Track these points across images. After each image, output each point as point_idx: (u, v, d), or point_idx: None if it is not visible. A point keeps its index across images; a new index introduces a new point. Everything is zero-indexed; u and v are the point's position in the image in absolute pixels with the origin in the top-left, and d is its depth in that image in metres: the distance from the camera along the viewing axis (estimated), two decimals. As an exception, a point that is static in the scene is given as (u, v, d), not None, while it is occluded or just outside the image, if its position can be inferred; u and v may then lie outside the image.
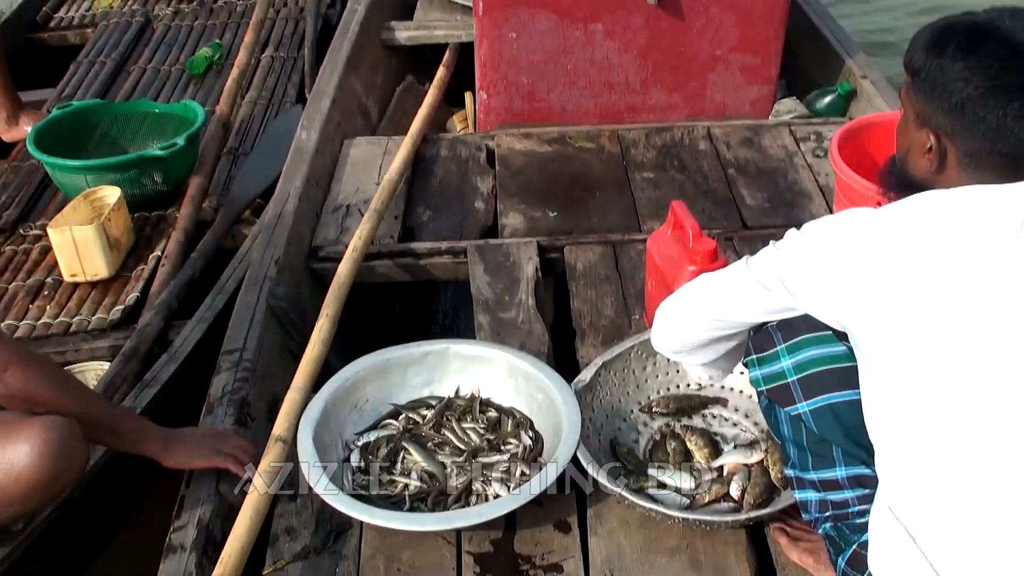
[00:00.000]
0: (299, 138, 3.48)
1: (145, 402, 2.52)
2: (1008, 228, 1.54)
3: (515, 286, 2.88)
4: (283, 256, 2.90)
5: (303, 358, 2.48)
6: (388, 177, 3.23)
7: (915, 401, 1.59)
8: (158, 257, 3.21)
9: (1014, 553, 1.55)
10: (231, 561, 1.96)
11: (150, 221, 3.43)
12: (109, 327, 2.92)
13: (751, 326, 1.93)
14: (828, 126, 3.64)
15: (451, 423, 2.40)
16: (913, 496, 1.65)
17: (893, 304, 1.58)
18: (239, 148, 3.91)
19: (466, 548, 2.15)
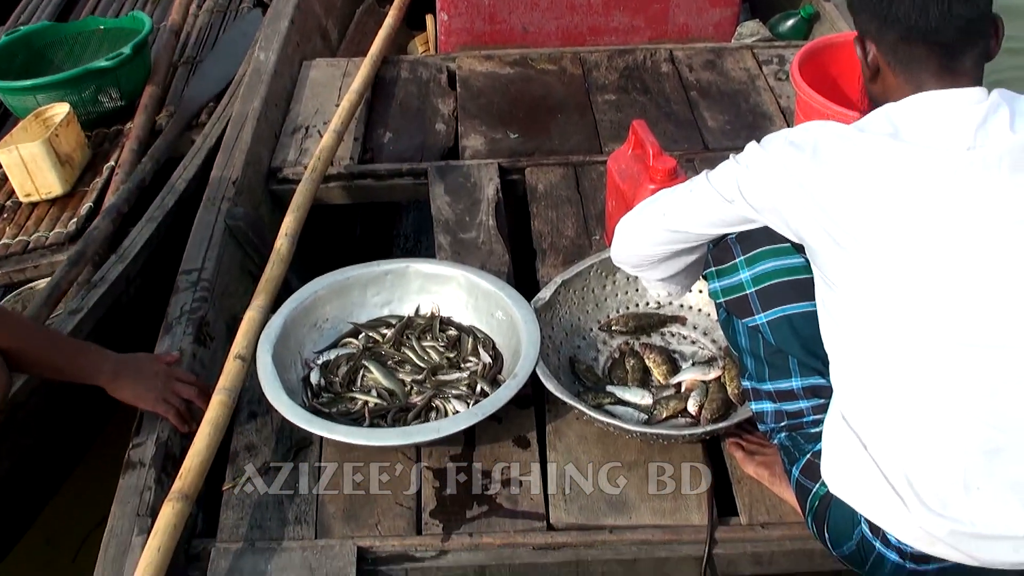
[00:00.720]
0: (257, 59, 3.43)
1: (93, 302, 2.50)
2: (960, 139, 1.55)
3: (476, 207, 2.87)
4: (241, 177, 2.87)
5: (262, 277, 2.46)
6: (347, 98, 3.19)
7: (868, 311, 1.61)
8: (112, 167, 3.20)
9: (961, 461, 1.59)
10: (190, 476, 1.97)
11: (108, 136, 3.41)
12: (67, 240, 2.91)
13: (710, 239, 1.94)
14: (791, 49, 3.62)
15: (411, 341, 2.40)
16: (865, 404, 1.67)
17: (848, 216, 1.60)
18: (196, 57, 3.87)
19: (425, 463, 2.16)
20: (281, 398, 2.13)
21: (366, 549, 2.00)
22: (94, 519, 2.22)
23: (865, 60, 1.72)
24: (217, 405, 2.11)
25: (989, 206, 1.53)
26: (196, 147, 3.19)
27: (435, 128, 3.30)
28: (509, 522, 2.04)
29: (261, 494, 2.11)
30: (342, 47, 4.02)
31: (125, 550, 1.94)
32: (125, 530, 1.98)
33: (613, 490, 2.09)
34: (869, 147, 1.60)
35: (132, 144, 3.25)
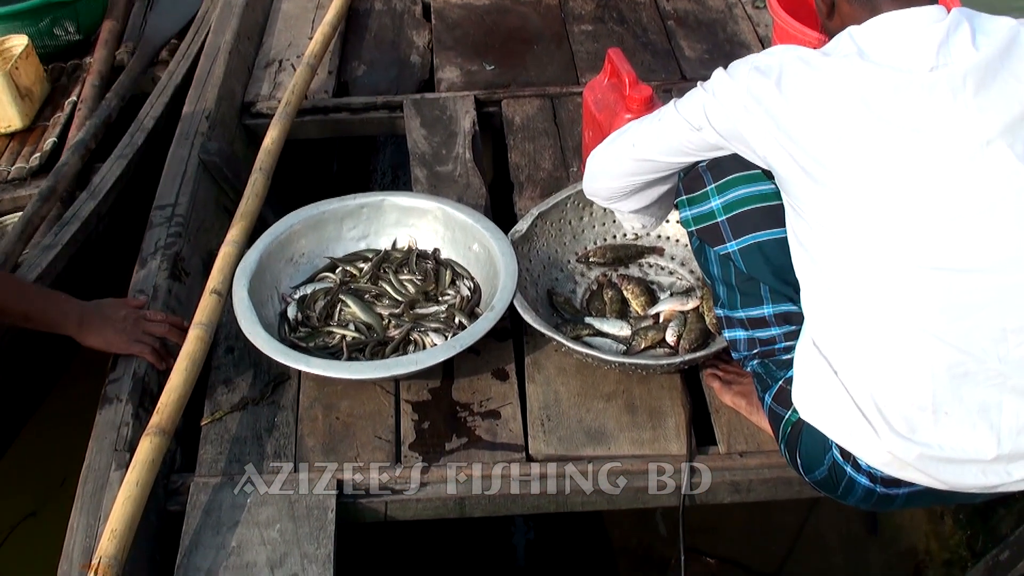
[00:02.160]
0: (223, -10, 3.38)
1: (66, 239, 2.48)
2: (923, 59, 1.54)
3: (452, 140, 2.84)
4: (214, 111, 2.84)
5: (237, 212, 2.44)
6: (320, 30, 3.14)
7: (837, 236, 1.61)
8: (74, 103, 3.16)
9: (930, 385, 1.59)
10: (167, 411, 1.96)
11: (66, 70, 3.36)
12: (29, 175, 2.88)
13: (681, 167, 1.93)
14: (769, -22, 3.58)
15: (388, 275, 2.39)
16: (835, 330, 1.68)
17: (814, 142, 1.59)
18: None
19: (404, 397, 2.17)
20: (258, 332, 2.11)
21: (345, 482, 2.00)
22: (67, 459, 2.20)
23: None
24: (194, 339, 2.10)
25: (955, 128, 1.53)
26: (162, 84, 3.13)
27: (410, 61, 3.26)
28: (488, 454, 2.05)
29: (239, 428, 2.10)
30: (315, -22, 3.95)
31: (103, 484, 1.94)
32: (103, 465, 1.97)
33: (592, 420, 2.10)
34: (834, 72, 1.59)
35: (94, 79, 3.21)
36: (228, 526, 1.92)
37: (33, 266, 2.39)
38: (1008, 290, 1.56)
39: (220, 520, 1.93)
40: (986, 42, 1.56)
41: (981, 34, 1.57)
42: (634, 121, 2.00)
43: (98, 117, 2.98)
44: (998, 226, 1.55)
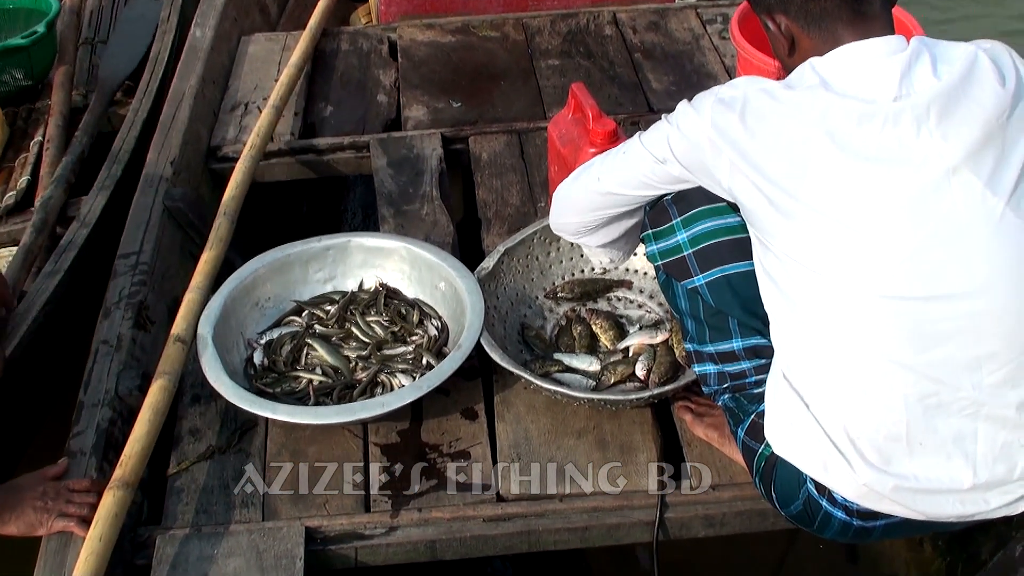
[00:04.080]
0: (193, 35, 3.37)
1: (66, 266, 2.52)
2: (885, 90, 1.54)
3: (419, 178, 2.83)
4: (179, 157, 2.82)
5: (201, 258, 2.41)
6: (286, 72, 3.14)
7: (804, 268, 1.60)
8: (40, 142, 3.19)
9: (903, 416, 1.58)
10: (131, 463, 1.93)
11: (19, 115, 3.39)
12: (4, 213, 2.91)
13: (646, 201, 1.92)
14: (734, 8, 3.59)
15: (355, 317, 2.37)
16: (805, 362, 1.66)
17: (779, 174, 1.58)
18: (95, 38, 3.83)
19: (373, 440, 2.14)
20: (223, 380, 2.09)
21: (314, 529, 1.98)
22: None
23: (779, 34, 1.71)
24: (157, 390, 2.07)
25: (920, 157, 1.52)
26: (129, 121, 3.14)
27: (377, 100, 3.26)
28: (459, 495, 2.03)
29: (206, 479, 2.08)
30: (282, 21, 3.96)
31: (67, 542, 1.90)
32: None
33: (563, 458, 2.08)
34: (798, 103, 1.58)
35: (57, 120, 3.25)
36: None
37: (40, 291, 2.45)
38: (980, 316, 1.55)
39: (187, 573, 1.90)
40: (947, 70, 1.56)
41: (942, 62, 1.57)
42: (599, 155, 1.99)
43: (72, 154, 3.05)
44: (967, 253, 1.54)
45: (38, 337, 2.34)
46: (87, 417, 2.13)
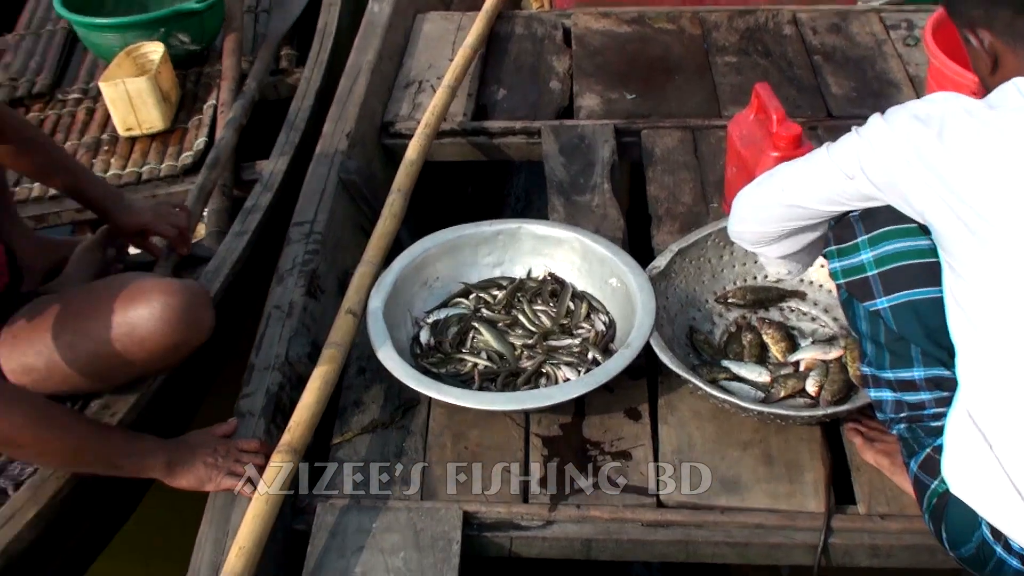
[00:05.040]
0: (371, 11, 3.40)
1: (252, 227, 2.59)
2: None
3: (590, 169, 2.80)
4: (354, 130, 2.85)
5: (374, 232, 2.44)
6: (462, 52, 3.15)
7: (1001, 301, 1.52)
8: (214, 106, 3.27)
9: None
10: (299, 430, 1.96)
11: (188, 77, 3.48)
12: (182, 172, 3.01)
13: (832, 216, 1.85)
14: (920, 14, 3.47)
15: (522, 304, 2.36)
16: (994, 402, 1.59)
17: (978, 199, 1.50)
18: (257, 6, 3.91)
19: (534, 430, 2.13)
20: (391, 355, 2.10)
21: (472, 514, 1.97)
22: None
23: (982, 50, 1.62)
24: (327, 360, 2.09)
25: None
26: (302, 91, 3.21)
27: (549, 86, 3.23)
28: (618, 496, 2.00)
29: (369, 452, 2.09)
30: (455, 1, 3.96)
31: (233, 500, 1.93)
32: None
33: (726, 469, 2.03)
34: (1001, 124, 1.50)
35: (230, 85, 3.32)
36: (353, 550, 1.90)
37: (230, 251, 2.51)
38: None
39: (345, 543, 1.92)
40: None
41: None
42: (783, 164, 1.93)
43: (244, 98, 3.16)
44: None
45: (227, 297, 2.39)
46: (257, 380, 2.16)
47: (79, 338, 2.02)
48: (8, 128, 2.21)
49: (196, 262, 2.52)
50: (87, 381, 2.08)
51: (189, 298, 2.02)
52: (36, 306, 2.11)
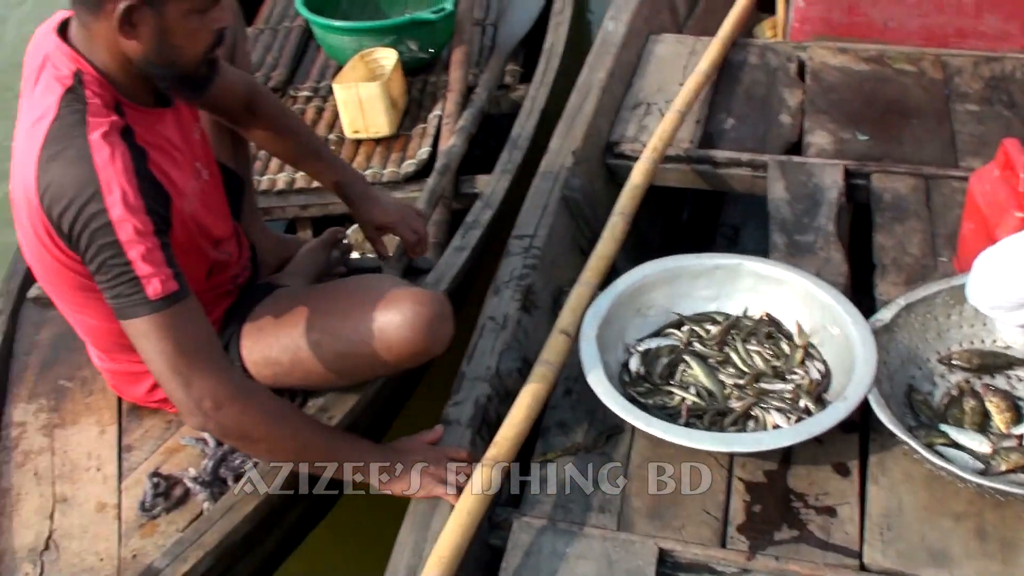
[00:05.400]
0: (605, 29, 3.41)
1: (472, 243, 2.64)
2: None
3: (816, 209, 2.74)
4: (581, 148, 2.86)
5: (593, 253, 2.44)
6: (693, 78, 3.12)
7: None
8: (439, 116, 3.34)
9: None
10: (505, 445, 1.98)
11: (415, 85, 3.57)
12: (403, 179, 3.10)
13: None
14: None
15: (736, 342, 2.32)
16: None
17: None
18: (485, 19, 3.97)
19: (737, 473, 2.09)
20: (601, 381, 2.10)
21: (667, 551, 1.95)
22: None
23: None
24: (538, 378, 2.11)
25: None
26: (527, 108, 3.25)
27: (779, 119, 3.17)
28: (819, 553, 1.94)
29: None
30: (689, 23, 3.94)
31: (434, 507, 1.97)
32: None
33: (936, 539, 1.95)
34: None
35: (456, 97, 3.39)
36: (546, 573, 1.91)
37: (449, 265, 2.58)
38: None
39: (539, 565, 1.92)
40: None
41: None
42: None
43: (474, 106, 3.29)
44: None
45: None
46: (467, 389, 2.19)
47: (327, 337, 2.09)
48: (268, 111, 2.32)
49: (416, 272, 2.58)
50: (326, 378, 2.15)
51: (438, 308, 2.08)
52: (279, 300, 2.19)
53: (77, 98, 1.80)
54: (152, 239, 1.76)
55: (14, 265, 2.75)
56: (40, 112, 1.81)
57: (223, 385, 1.82)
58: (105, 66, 1.84)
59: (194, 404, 1.79)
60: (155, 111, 1.95)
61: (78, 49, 1.84)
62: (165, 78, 1.87)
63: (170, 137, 1.97)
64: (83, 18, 1.81)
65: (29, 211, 1.84)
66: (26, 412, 2.36)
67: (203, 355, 1.81)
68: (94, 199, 1.72)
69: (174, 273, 1.78)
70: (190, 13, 1.79)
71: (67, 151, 1.75)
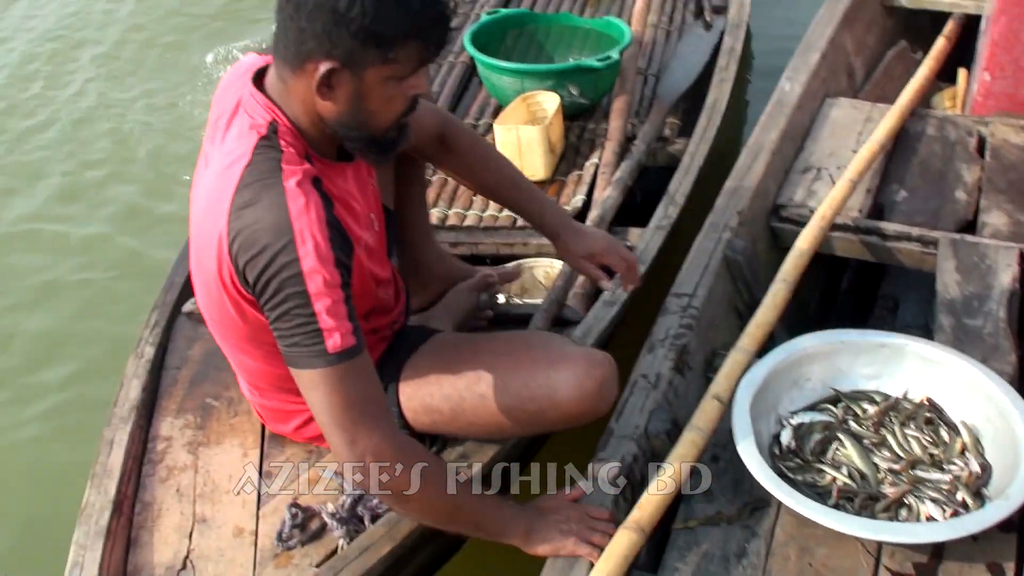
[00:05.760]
0: (781, 89, 3.37)
1: (622, 298, 2.60)
2: None
3: (987, 292, 2.64)
4: (747, 209, 2.83)
5: (753, 320, 2.40)
6: (868, 146, 3.05)
7: None
8: (595, 164, 3.34)
9: None
10: (649, 508, 1.96)
11: (572, 130, 3.57)
12: None
13: None
14: None
15: (893, 425, 2.25)
16: None
17: None
18: (647, 69, 3.96)
19: (885, 562, 2.02)
20: (752, 452, 2.06)
21: (805, 635, 1.90)
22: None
23: None
24: (688, 443, 2.08)
25: None
26: (685, 165, 3.22)
27: (954, 195, 3.08)
28: (967, 658, 1.86)
29: (710, 543, 2.06)
30: (866, 89, 3.85)
31: (572, 565, 1.95)
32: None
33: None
34: None
35: (613, 147, 3.39)
36: (680, 643, 1.88)
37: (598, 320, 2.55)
38: None
39: (673, 633, 1.90)
40: None
41: None
42: None
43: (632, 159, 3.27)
44: None
45: None
46: (614, 447, 2.18)
47: (495, 391, 2.08)
48: (462, 143, 2.33)
49: (564, 324, 2.58)
50: (486, 431, 2.16)
51: (609, 371, 2.07)
52: (440, 347, 2.20)
53: (272, 146, 1.84)
54: (338, 292, 1.78)
55: (171, 278, 2.82)
56: (234, 157, 1.85)
57: (387, 445, 1.83)
58: (298, 119, 1.87)
59: (356, 460, 1.81)
60: (338, 165, 1.97)
61: (273, 99, 1.87)
62: (354, 139, 1.89)
63: (350, 190, 1.99)
64: (282, 72, 1.84)
65: (215, 253, 1.86)
66: (173, 427, 2.42)
67: (370, 412, 1.83)
68: (287, 248, 1.75)
69: (353, 328, 1.81)
70: (388, 80, 1.80)
71: (262, 198, 1.78)
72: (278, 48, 1.82)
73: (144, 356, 2.56)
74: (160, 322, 2.68)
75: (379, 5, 1.71)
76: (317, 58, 1.76)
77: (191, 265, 2.06)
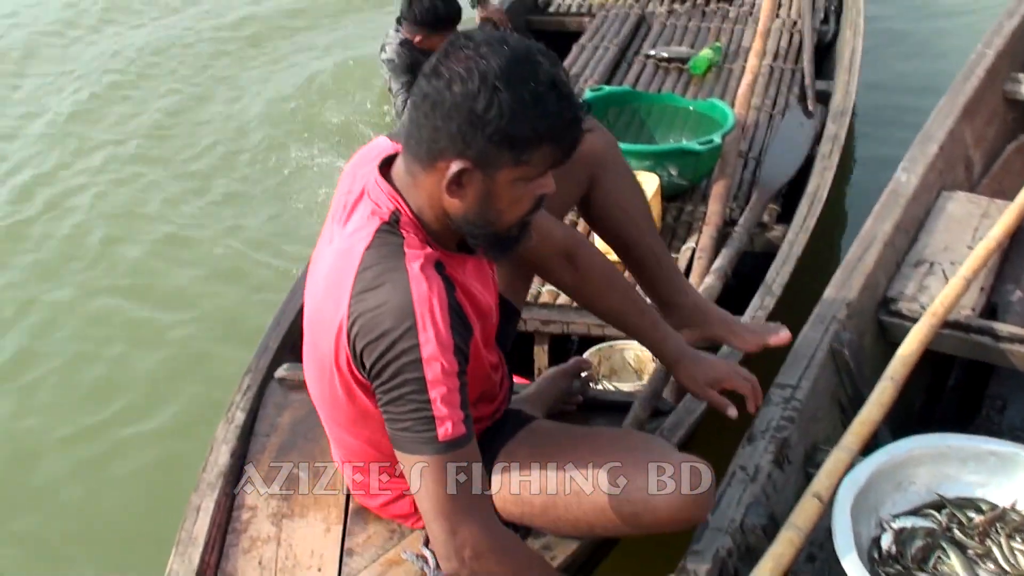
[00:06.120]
0: (897, 180, 3.31)
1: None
2: None
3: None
4: (855, 301, 2.78)
5: (857, 418, 2.35)
6: (984, 243, 2.98)
7: None
8: (692, 248, 3.36)
9: None
10: (743, 608, 1.92)
11: (668, 211, 3.59)
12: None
13: None
14: None
15: (1000, 537, 2.17)
16: None
17: None
18: (748, 152, 3.95)
19: None
20: (853, 558, 2.01)
21: None
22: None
23: None
24: (785, 542, 2.04)
25: None
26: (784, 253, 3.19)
27: (1072, 298, 2.99)
28: None
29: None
30: (983, 183, 3.77)
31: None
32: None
33: None
34: None
35: (711, 231, 3.40)
36: None
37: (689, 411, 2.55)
38: None
39: None
40: None
41: None
42: None
43: (718, 271, 3.17)
44: None
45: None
46: (708, 539, 2.13)
47: (590, 490, 2.05)
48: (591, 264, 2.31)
49: (656, 414, 2.56)
50: (575, 528, 2.13)
51: (709, 482, 2.03)
52: (536, 437, 2.18)
53: (392, 231, 1.86)
54: (454, 380, 1.79)
55: (265, 343, 2.85)
56: (355, 240, 1.87)
57: (487, 537, 1.83)
58: (421, 212, 1.88)
59: (454, 550, 1.81)
60: (458, 256, 1.98)
61: (399, 189, 1.90)
62: (477, 236, 1.90)
63: (470, 280, 1.99)
64: (412, 167, 1.85)
65: (333, 336, 1.87)
66: (258, 496, 2.42)
67: (474, 504, 1.83)
68: (408, 334, 1.76)
69: (464, 416, 1.81)
70: (518, 180, 1.81)
71: (385, 281, 1.80)
72: (410, 144, 1.84)
73: (234, 421, 2.59)
74: (252, 387, 2.70)
75: (516, 108, 1.72)
76: (449, 157, 1.77)
77: (304, 343, 2.08)
